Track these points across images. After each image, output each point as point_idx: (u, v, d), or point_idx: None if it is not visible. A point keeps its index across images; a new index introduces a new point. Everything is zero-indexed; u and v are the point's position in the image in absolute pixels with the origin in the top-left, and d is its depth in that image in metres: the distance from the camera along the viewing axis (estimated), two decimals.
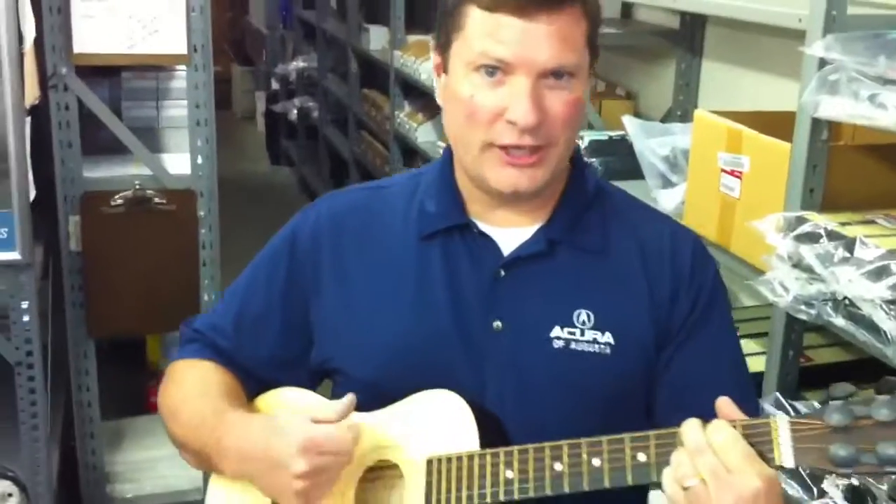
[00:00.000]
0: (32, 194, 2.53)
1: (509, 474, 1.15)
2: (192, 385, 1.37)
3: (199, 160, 2.89)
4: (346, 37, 5.81)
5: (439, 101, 1.30)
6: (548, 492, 1.13)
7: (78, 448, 3.16)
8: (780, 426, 1.03)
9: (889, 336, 1.54)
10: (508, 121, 1.18)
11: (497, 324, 1.27)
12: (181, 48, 2.74)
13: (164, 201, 2.85)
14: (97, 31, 2.69)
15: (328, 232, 1.37)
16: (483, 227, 1.31)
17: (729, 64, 2.71)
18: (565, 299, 1.27)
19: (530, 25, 1.16)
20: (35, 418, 2.70)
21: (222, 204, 2.98)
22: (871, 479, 1.53)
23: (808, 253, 1.69)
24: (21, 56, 2.43)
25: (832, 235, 1.68)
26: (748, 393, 1.33)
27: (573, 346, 1.26)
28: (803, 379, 1.95)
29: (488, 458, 1.17)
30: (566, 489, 1.12)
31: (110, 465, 3.27)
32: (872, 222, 1.73)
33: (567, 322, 1.26)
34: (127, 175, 2.90)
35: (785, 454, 1.02)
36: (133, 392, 3.55)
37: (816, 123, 1.74)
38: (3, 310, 2.63)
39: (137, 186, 2.83)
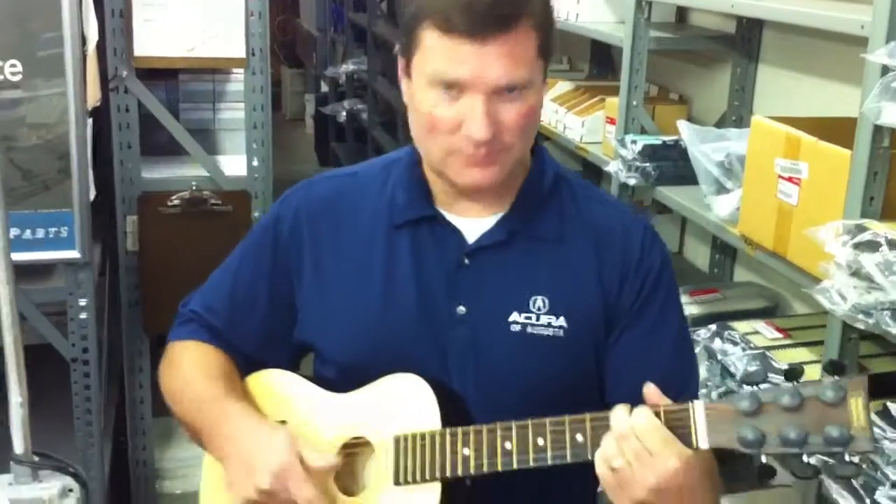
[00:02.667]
0: (92, 195, 2.58)
1: (466, 452, 1.26)
2: (193, 367, 1.47)
3: (255, 162, 2.93)
4: (396, 40, 5.82)
5: (405, 100, 1.38)
6: (499, 468, 1.25)
7: (129, 444, 3.21)
8: (696, 411, 1.15)
9: None
10: (465, 135, 1.28)
11: (461, 309, 1.38)
12: (240, 52, 2.78)
13: (219, 202, 2.89)
14: (157, 35, 2.73)
15: (307, 217, 1.47)
16: (449, 216, 1.41)
17: (785, 69, 2.69)
18: (523, 286, 1.38)
19: (482, 48, 1.24)
20: (89, 414, 2.75)
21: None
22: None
23: (867, 261, 1.68)
24: (84, 59, 2.47)
25: (892, 244, 1.66)
26: (686, 372, 1.45)
27: (529, 330, 1.37)
28: None
29: (447, 436, 1.28)
30: (514, 466, 1.24)
31: (160, 461, 3.32)
32: None
33: (524, 307, 1.37)
34: (184, 176, 2.95)
35: (700, 436, 1.15)
36: None
37: (878, 130, 1.72)
38: (61, 306, 2.68)
39: (194, 187, 2.87)
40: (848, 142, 1.80)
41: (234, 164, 3.01)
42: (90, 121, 2.57)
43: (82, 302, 2.64)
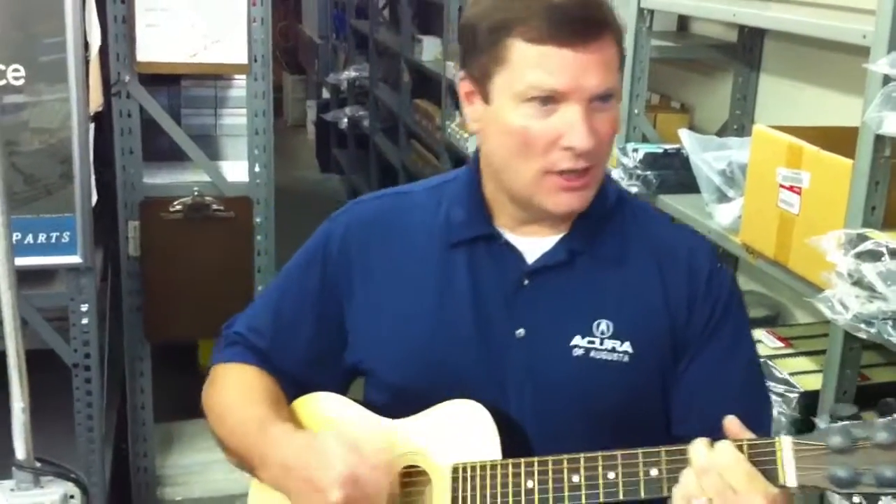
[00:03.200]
0: (94, 200, 2.58)
1: (530, 484, 1.20)
2: (236, 391, 1.41)
3: (257, 168, 2.93)
4: (398, 47, 5.84)
5: (472, 129, 1.33)
6: (566, 503, 1.18)
7: (130, 450, 3.21)
8: (784, 447, 1.08)
9: None
10: (565, 147, 1.22)
11: (520, 331, 1.31)
12: (242, 58, 2.79)
13: (221, 208, 2.90)
14: (160, 40, 2.74)
15: (357, 237, 1.41)
16: (508, 236, 1.35)
17: (787, 78, 2.69)
18: (585, 308, 1.31)
19: (577, 55, 1.20)
20: (91, 420, 2.75)
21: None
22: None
23: (869, 271, 1.68)
24: (86, 63, 2.48)
25: (894, 253, 1.66)
26: (761, 403, 1.38)
27: (593, 354, 1.30)
28: (860, 398, 1.92)
29: (510, 467, 1.22)
30: (583, 501, 1.17)
31: (161, 468, 3.31)
32: None
33: (587, 331, 1.30)
34: (186, 182, 2.95)
35: (788, 474, 1.07)
36: (185, 396, 3.56)
37: (879, 140, 1.72)
38: (63, 312, 2.69)
39: (196, 193, 2.88)
40: (850, 151, 1.80)
41: (236, 169, 3.02)
42: (92, 126, 2.57)
43: (84, 307, 2.65)
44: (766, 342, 2.22)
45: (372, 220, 1.42)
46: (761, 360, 2.10)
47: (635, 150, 2.64)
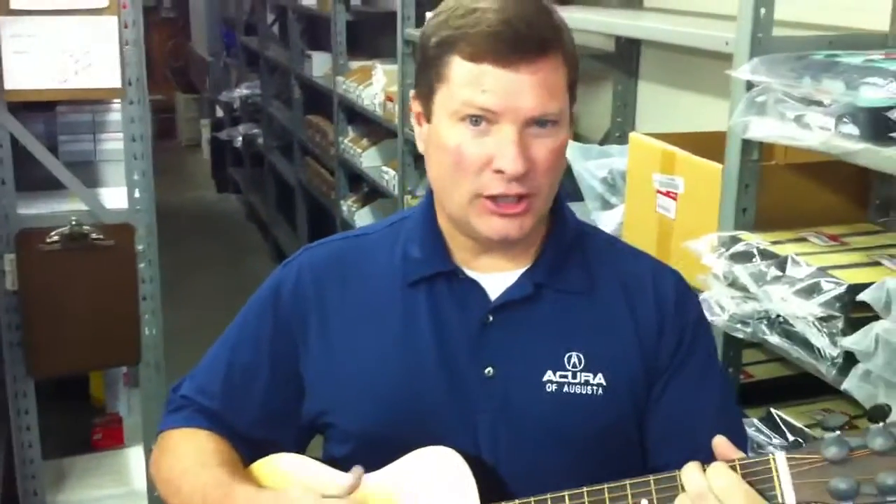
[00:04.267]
0: None
1: None
2: (189, 456, 1.33)
3: (137, 194, 2.85)
4: (289, 63, 5.80)
5: (421, 149, 1.29)
6: None
7: (20, 489, 3.09)
8: (779, 463, 1.04)
9: (822, 352, 1.56)
10: (496, 170, 1.18)
11: (489, 370, 1.26)
12: (115, 82, 2.71)
13: (101, 237, 2.81)
14: (29, 67, 2.65)
15: (310, 284, 1.35)
16: (469, 272, 1.30)
17: (664, 85, 2.74)
18: (555, 342, 1.27)
19: (514, 75, 1.17)
20: None
21: (168, 233, 2.96)
22: None
23: (741, 272, 1.71)
24: None
25: (765, 254, 1.70)
26: (737, 424, 1.35)
27: (566, 389, 1.26)
28: (745, 395, 1.96)
29: None
30: None
31: None
32: (804, 240, 1.75)
33: (558, 365, 1.26)
34: (63, 211, 2.86)
35: (786, 491, 1.03)
36: (77, 430, 3.48)
37: (747, 144, 1.76)
38: None
39: (74, 222, 2.79)
40: (722, 155, 1.84)
41: (117, 196, 2.93)
42: None
43: None
44: None
45: (326, 265, 1.36)
46: None
47: None
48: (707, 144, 1.98)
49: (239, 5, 7.71)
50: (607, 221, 2.30)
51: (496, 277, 1.30)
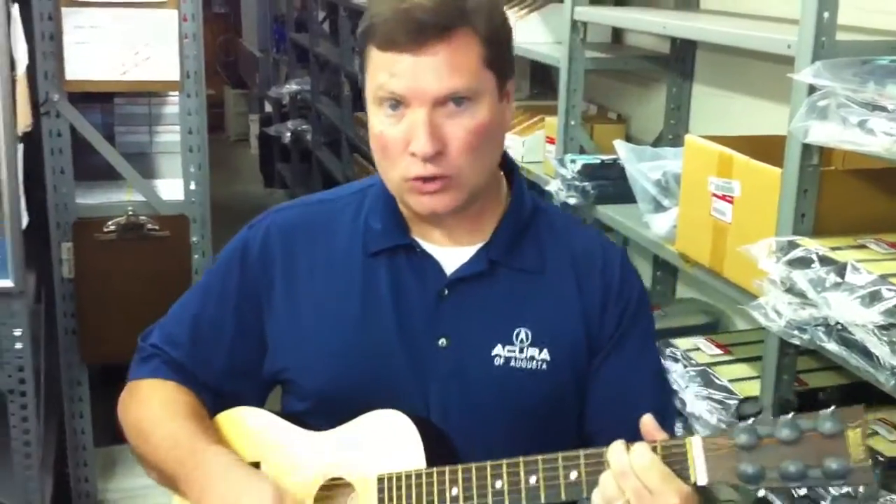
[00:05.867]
0: (25, 221, 2.53)
1: (454, 491, 1.22)
2: (159, 407, 1.40)
3: (192, 186, 2.89)
4: (338, 60, 5.82)
5: None
6: None
7: (71, 476, 3.15)
8: (694, 446, 1.12)
9: (880, 361, 1.54)
10: (411, 152, 1.25)
11: (442, 341, 1.34)
12: (174, 75, 2.75)
13: (156, 227, 2.86)
14: (89, 58, 2.70)
15: (277, 245, 1.41)
16: (426, 246, 1.37)
17: (720, 88, 2.72)
18: (506, 318, 1.35)
19: (419, 59, 1.23)
20: (28, 446, 2.69)
21: (215, 227, 2.98)
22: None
23: (799, 278, 1.69)
24: (13, 83, 2.43)
25: (824, 260, 1.68)
26: (667, 402, 1.46)
27: (513, 363, 1.34)
28: (798, 403, 1.94)
29: (435, 476, 1.24)
30: None
31: (104, 492, 3.26)
32: (864, 247, 1.73)
33: (507, 340, 1.34)
34: (120, 201, 2.91)
35: (699, 472, 1.12)
36: None
37: (806, 149, 1.74)
38: None
39: (130, 212, 2.83)
40: (780, 159, 1.82)
41: (171, 187, 2.98)
42: (21, 146, 2.52)
43: (17, 332, 2.59)
44: (703, 349, 2.24)
45: (293, 227, 1.43)
46: (700, 367, 2.13)
47: (573, 162, 2.65)
48: (762, 148, 1.96)
49: (290, 2, 7.76)
50: (660, 224, 2.28)
51: (453, 252, 1.37)
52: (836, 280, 1.63)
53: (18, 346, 2.60)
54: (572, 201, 2.63)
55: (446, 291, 1.35)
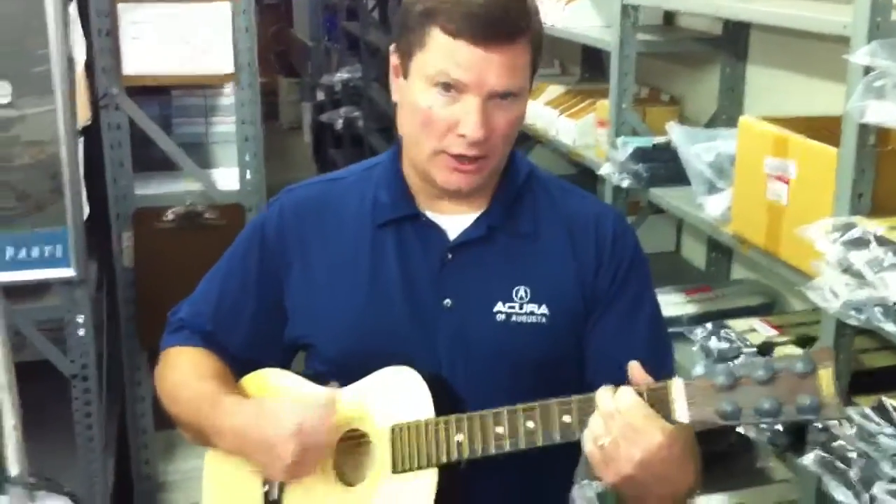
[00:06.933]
0: (86, 212, 2.59)
1: (459, 438, 1.33)
2: (187, 370, 1.52)
3: (248, 175, 2.94)
4: (389, 47, 5.84)
5: (395, 99, 1.45)
6: (492, 451, 1.32)
7: (132, 459, 3.22)
8: (675, 388, 1.22)
9: None
10: (459, 134, 1.36)
11: (447, 302, 1.45)
12: (228, 67, 2.79)
13: (214, 216, 2.91)
14: (146, 52, 2.74)
15: (291, 222, 1.53)
16: (431, 215, 1.48)
17: (774, 68, 2.69)
18: (505, 278, 1.46)
19: (485, 54, 1.32)
20: (90, 430, 2.75)
21: None
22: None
23: (857, 258, 1.68)
24: (72, 78, 2.48)
25: (881, 241, 1.66)
26: (663, 351, 1.53)
27: (514, 318, 1.45)
28: (855, 383, 1.93)
29: (441, 424, 1.35)
30: (507, 449, 1.31)
31: (164, 474, 3.33)
32: None
33: (507, 298, 1.45)
34: (178, 191, 2.96)
35: (680, 411, 1.21)
36: None
37: (863, 129, 1.72)
38: (59, 324, 2.69)
39: (188, 202, 2.88)
40: (837, 139, 1.80)
41: (227, 177, 3.02)
42: (81, 139, 2.57)
43: (80, 319, 2.65)
44: (759, 330, 2.22)
45: (305, 206, 1.54)
46: (753, 348, 2.12)
47: (626, 144, 2.64)
48: (818, 128, 1.94)
49: None
50: (714, 205, 2.27)
51: (455, 219, 1.48)
52: (894, 260, 1.61)
53: (81, 332, 2.67)
54: (626, 184, 2.62)
55: (450, 256, 1.46)
